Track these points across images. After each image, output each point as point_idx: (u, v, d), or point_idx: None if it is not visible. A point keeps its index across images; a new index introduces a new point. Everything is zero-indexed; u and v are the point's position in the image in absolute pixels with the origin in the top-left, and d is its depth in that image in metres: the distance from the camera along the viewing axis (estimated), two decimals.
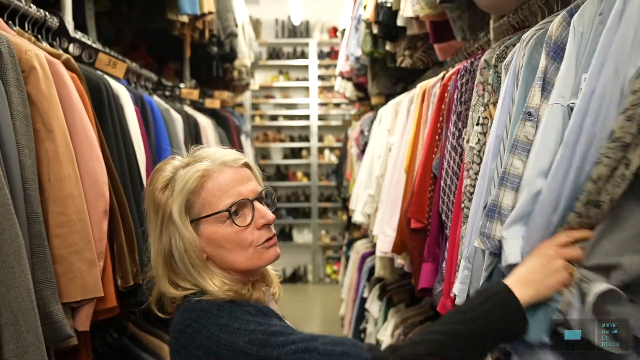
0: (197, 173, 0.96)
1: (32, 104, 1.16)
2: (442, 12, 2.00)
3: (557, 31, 1.06)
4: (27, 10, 1.44)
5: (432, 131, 1.79)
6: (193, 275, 0.96)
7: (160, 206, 0.97)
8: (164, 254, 0.97)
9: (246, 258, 0.97)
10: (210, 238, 0.96)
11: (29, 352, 0.92)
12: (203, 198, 0.96)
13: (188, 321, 0.92)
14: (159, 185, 0.98)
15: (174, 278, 0.97)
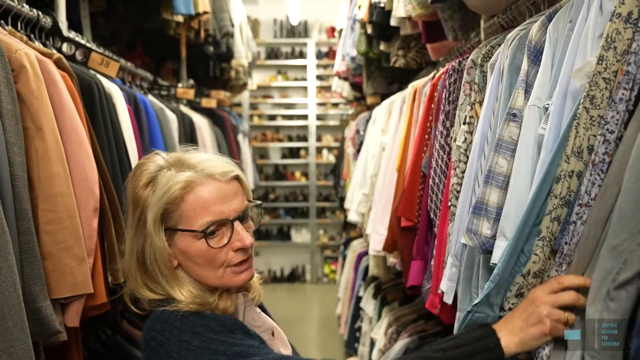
0: (179, 184, 0.91)
1: (22, 103, 1.17)
2: (434, 12, 2.02)
3: (537, 36, 1.11)
4: (20, 9, 1.45)
5: (422, 130, 1.81)
6: (161, 283, 0.96)
7: (139, 204, 0.96)
8: (137, 255, 0.96)
9: (217, 277, 0.95)
10: (183, 251, 0.94)
11: (15, 346, 0.93)
12: (182, 210, 0.92)
13: (153, 332, 0.92)
14: (141, 182, 0.96)
15: (146, 280, 0.97)
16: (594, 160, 0.85)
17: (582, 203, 0.86)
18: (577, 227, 0.86)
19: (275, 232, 6.99)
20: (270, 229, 6.94)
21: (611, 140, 0.83)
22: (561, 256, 0.89)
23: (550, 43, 1.04)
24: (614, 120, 0.83)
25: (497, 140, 1.13)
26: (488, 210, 1.13)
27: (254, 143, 6.72)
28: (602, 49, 0.86)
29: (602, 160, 0.84)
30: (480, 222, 1.14)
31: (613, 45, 0.85)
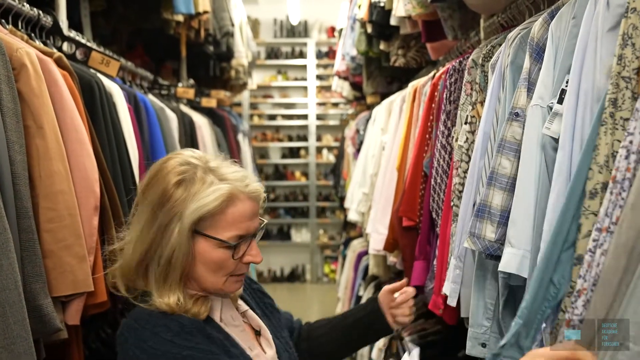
0: (223, 197, 0.95)
1: (22, 101, 1.17)
2: (434, 11, 2.02)
3: (539, 33, 1.09)
4: (21, 8, 1.46)
5: (423, 130, 1.81)
6: (157, 279, 0.97)
7: (169, 202, 0.95)
8: (145, 248, 0.97)
9: (217, 282, 0.99)
10: (200, 254, 0.97)
11: (16, 343, 0.93)
12: (217, 219, 0.96)
13: (124, 327, 0.98)
14: (173, 180, 0.96)
15: (140, 273, 0.99)
16: (615, 177, 0.75)
17: (601, 227, 0.76)
18: (595, 258, 0.76)
19: (275, 232, 7.00)
20: (270, 229, 6.94)
21: (635, 152, 0.74)
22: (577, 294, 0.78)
23: (553, 41, 1.03)
24: (637, 131, 0.74)
25: (499, 141, 1.11)
26: (492, 213, 1.10)
27: (254, 143, 6.73)
28: (619, 48, 0.81)
29: (623, 177, 0.74)
30: (484, 225, 1.11)
31: (630, 42, 0.80)
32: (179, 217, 0.94)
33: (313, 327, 1.29)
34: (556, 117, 0.98)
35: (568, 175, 0.93)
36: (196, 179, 0.96)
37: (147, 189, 0.99)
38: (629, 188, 0.73)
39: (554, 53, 1.02)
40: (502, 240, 1.07)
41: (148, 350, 0.91)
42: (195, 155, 1.01)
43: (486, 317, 1.19)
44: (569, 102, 0.94)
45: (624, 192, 0.74)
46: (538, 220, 0.99)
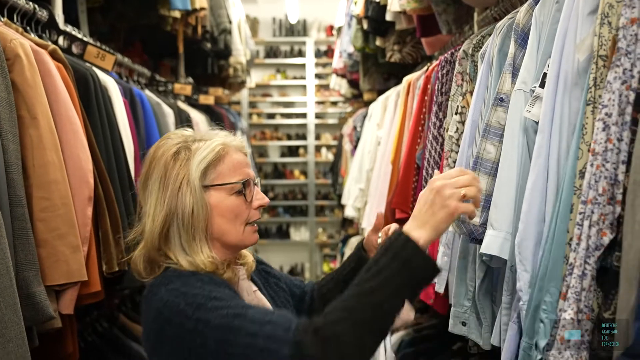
0: (219, 147, 1.05)
1: (16, 91, 1.19)
2: (428, 5, 2.03)
3: (524, 19, 1.10)
4: (16, 2, 1.47)
5: (416, 122, 1.82)
6: (182, 243, 1.01)
7: (173, 169, 1.02)
8: (163, 220, 1.01)
9: (239, 232, 1.06)
10: (215, 206, 1.04)
11: (8, 327, 0.94)
12: (218, 169, 1.04)
13: (150, 287, 0.99)
14: (170, 151, 1.03)
15: (163, 246, 1.02)
16: (594, 149, 0.77)
17: (586, 200, 0.77)
18: (583, 230, 0.77)
19: (274, 231, 7.00)
20: (269, 227, 6.95)
21: (610, 125, 0.76)
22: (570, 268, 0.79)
23: (537, 26, 1.04)
24: (611, 102, 0.76)
25: (484, 126, 1.12)
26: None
27: (253, 142, 6.74)
28: (598, 26, 0.81)
29: (604, 149, 0.76)
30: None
31: (607, 21, 0.81)
32: (187, 178, 1.02)
33: (321, 287, 1.31)
34: (537, 101, 0.98)
35: (546, 157, 0.94)
36: (191, 145, 1.04)
37: (150, 171, 1.05)
38: (614, 159, 0.74)
39: (537, 38, 1.03)
40: (485, 224, 1.09)
41: (180, 295, 0.93)
42: (184, 131, 1.10)
43: (467, 298, 1.23)
44: (549, 85, 0.95)
45: (607, 164, 0.75)
46: (519, 203, 1.01)
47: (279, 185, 7.11)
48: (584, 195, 0.78)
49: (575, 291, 0.76)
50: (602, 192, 0.75)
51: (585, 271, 0.76)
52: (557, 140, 0.93)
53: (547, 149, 0.94)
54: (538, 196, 0.95)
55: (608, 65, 0.80)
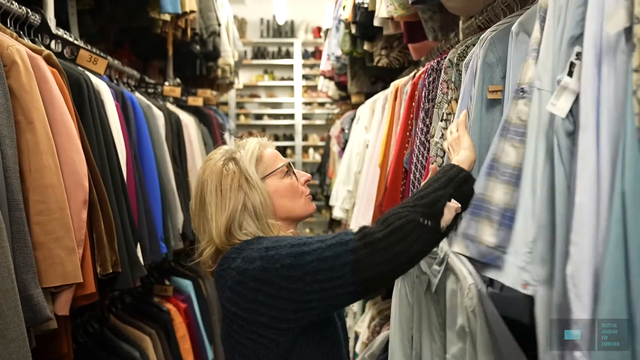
0: (257, 145, 1.22)
1: (13, 97, 1.21)
2: (415, 13, 2.08)
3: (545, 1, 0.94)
4: (9, 7, 1.48)
5: (404, 128, 1.87)
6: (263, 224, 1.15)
7: (225, 178, 1.15)
8: (228, 218, 1.13)
9: (301, 205, 1.22)
10: (274, 191, 1.19)
11: (10, 329, 0.97)
12: (264, 162, 1.20)
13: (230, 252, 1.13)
14: (219, 163, 1.18)
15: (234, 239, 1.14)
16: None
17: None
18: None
19: None
20: None
21: None
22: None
23: (555, 11, 0.88)
24: None
25: (503, 123, 0.94)
26: (491, 210, 0.92)
27: None
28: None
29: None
30: (481, 225, 0.93)
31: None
32: (244, 177, 1.16)
33: None
34: (564, 92, 0.82)
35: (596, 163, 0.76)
36: (234, 154, 1.20)
37: (204, 191, 1.17)
38: None
39: (557, 25, 0.88)
40: (505, 247, 0.90)
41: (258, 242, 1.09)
42: (221, 149, 1.24)
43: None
44: (586, 71, 0.78)
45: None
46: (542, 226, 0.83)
47: None
48: None
49: None
50: None
51: None
52: (607, 142, 0.75)
53: (595, 152, 0.76)
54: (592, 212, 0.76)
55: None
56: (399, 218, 1.00)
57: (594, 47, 0.78)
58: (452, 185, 1.05)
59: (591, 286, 0.76)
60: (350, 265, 0.99)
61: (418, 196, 1.05)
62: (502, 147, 0.92)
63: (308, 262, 1.01)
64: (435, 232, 1.02)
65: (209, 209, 1.15)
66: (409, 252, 0.99)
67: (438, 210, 1.01)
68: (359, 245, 1.00)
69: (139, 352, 2.16)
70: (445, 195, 1.03)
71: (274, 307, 1.04)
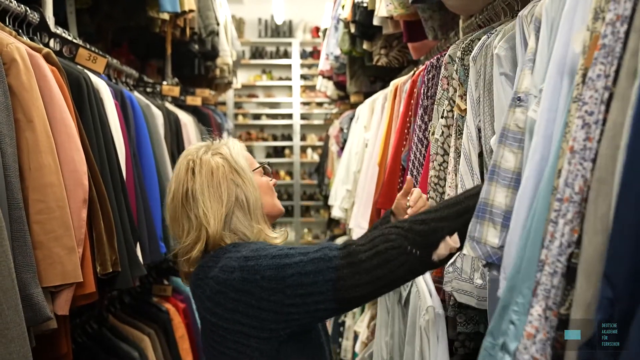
0: (240, 143, 1.23)
1: (13, 95, 1.20)
2: (415, 12, 2.08)
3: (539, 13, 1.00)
4: (8, 5, 1.47)
5: (402, 125, 1.87)
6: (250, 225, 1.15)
7: (216, 168, 1.14)
8: (226, 212, 1.12)
9: (278, 203, 1.26)
10: (259, 186, 1.20)
11: (10, 328, 0.96)
12: (246, 158, 1.21)
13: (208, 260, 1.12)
14: (205, 157, 1.16)
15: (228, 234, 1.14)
16: (572, 147, 0.74)
17: (562, 198, 0.74)
18: (558, 227, 0.74)
19: None
20: None
21: (591, 123, 0.73)
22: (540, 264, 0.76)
23: (547, 22, 0.94)
24: (593, 100, 0.73)
25: (501, 130, 0.99)
26: (493, 213, 0.96)
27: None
28: (591, 21, 0.77)
29: (582, 147, 0.73)
30: (485, 228, 0.97)
31: (602, 16, 0.76)
32: (235, 169, 1.15)
33: None
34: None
35: (540, 161, 0.86)
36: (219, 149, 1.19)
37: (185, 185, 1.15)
38: (591, 158, 0.72)
39: (548, 35, 0.94)
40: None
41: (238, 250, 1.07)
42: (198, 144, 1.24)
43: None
44: (549, 83, 0.87)
45: (585, 162, 0.72)
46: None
47: None
48: (560, 193, 0.75)
49: (545, 288, 0.75)
50: (579, 191, 0.73)
51: (556, 269, 0.74)
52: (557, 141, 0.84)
53: (542, 152, 0.86)
54: (526, 201, 0.88)
55: (587, 63, 0.76)
56: (386, 241, 0.98)
57: (558, 62, 0.87)
58: (465, 217, 0.99)
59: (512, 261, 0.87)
60: (332, 282, 0.97)
61: (420, 219, 1.00)
62: (501, 153, 0.98)
63: (290, 275, 0.99)
64: (423, 263, 0.99)
65: (201, 204, 1.12)
66: (390, 277, 0.98)
67: (432, 242, 0.98)
68: (342, 263, 0.98)
69: (138, 352, 2.16)
70: (448, 229, 0.98)
71: (255, 317, 1.02)
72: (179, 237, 1.16)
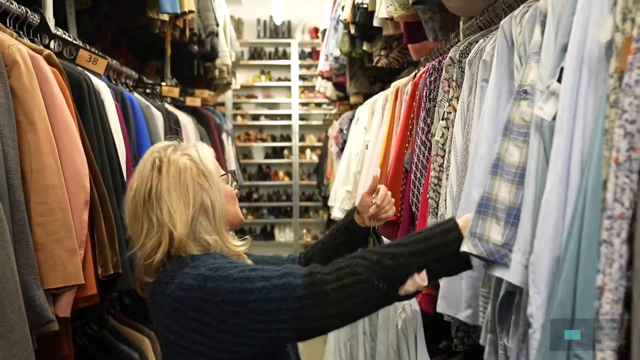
0: (209, 148, 1.21)
1: (14, 97, 1.20)
2: (415, 13, 2.09)
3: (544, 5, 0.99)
4: (9, 6, 1.47)
5: (404, 127, 1.87)
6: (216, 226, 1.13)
7: (184, 170, 1.11)
8: (193, 216, 1.09)
9: (239, 212, 1.24)
10: (224, 193, 1.18)
11: (13, 330, 0.96)
12: (214, 163, 1.19)
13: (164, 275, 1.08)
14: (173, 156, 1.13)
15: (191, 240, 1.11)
16: (617, 159, 0.70)
17: (613, 215, 0.70)
18: (615, 248, 0.70)
19: (258, 232, 7.01)
20: (254, 229, 6.96)
21: (634, 132, 0.69)
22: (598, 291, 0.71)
23: (554, 17, 0.92)
24: (633, 108, 0.69)
25: (505, 124, 0.97)
26: (497, 209, 0.94)
27: (238, 143, 6.74)
28: (620, 22, 0.75)
29: (627, 158, 0.69)
30: (487, 224, 0.93)
31: (630, 17, 0.74)
32: (203, 173, 1.13)
33: (310, 259, 1.39)
34: (552, 97, 0.87)
35: (566, 164, 0.84)
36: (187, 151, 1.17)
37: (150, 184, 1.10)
38: (637, 170, 0.68)
39: (555, 30, 0.92)
40: (511, 245, 0.92)
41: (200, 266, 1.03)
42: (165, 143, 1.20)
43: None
44: (567, 78, 0.84)
45: (632, 174, 0.68)
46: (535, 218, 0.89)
47: (263, 187, 7.12)
48: (610, 210, 0.70)
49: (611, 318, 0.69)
50: (629, 206, 0.68)
51: (621, 295, 0.68)
52: (579, 143, 0.82)
53: (566, 153, 0.83)
54: (555, 207, 0.83)
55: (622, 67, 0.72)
56: (353, 273, 0.94)
57: (576, 55, 0.84)
58: (435, 254, 0.95)
59: (547, 275, 0.84)
60: (295, 312, 0.94)
61: (390, 252, 0.95)
62: (505, 147, 0.95)
63: (252, 301, 0.96)
64: (389, 298, 0.97)
65: (167, 204, 1.07)
66: (355, 311, 0.96)
67: (400, 278, 0.95)
68: (306, 293, 0.94)
69: (138, 353, 2.15)
70: (417, 265, 0.94)
71: (215, 338, 0.99)
72: (137, 238, 1.11)
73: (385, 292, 0.95)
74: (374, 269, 0.94)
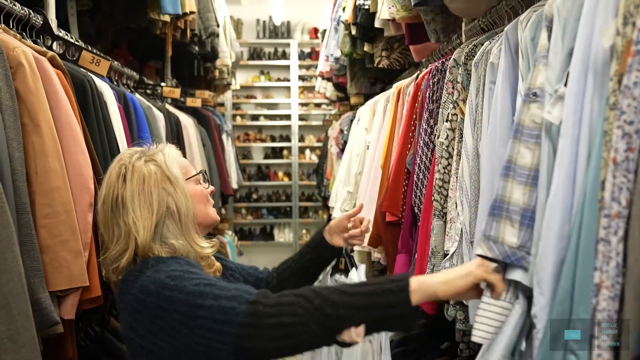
0: (176, 151, 1.22)
1: (19, 99, 1.20)
2: (417, 14, 2.09)
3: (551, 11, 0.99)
4: (12, 8, 1.47)
5: (406, 128, 1.87)
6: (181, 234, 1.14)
7: (149, 176, 1.13)
8: (156, 222, 1.11)
9: (213, 212, 1.25)
10: (193, 195, 1.19)
11: (21, 333, 0.96)
12: (182, 167, 1.21)
13: (129, 274, 1.10)
14: (137, 163, 1.14)
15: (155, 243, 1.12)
16: (614, 159, 0.71)
17: (610, 214, 0.71)
18: (612, 246, 0.71)
19: (258, 232, 7.01)
20: (253, 229, 6.96)
21: (631, 133, 0.70)
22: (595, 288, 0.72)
23: (560, 22, 0.93)
24: (631, 109, 0.70)
25: (516, 126, 0.97)
26: (511, 211, 0.93)
27: (237, 143, 6.73)
28: (621, 26, 0.76)
29: (624, 159, 0.70)
30: (502, 226, 0.93)
31: (631, 21, 0.74)
32: (168, 179, 1.14)
33: (279, 275, 1.42)
34: (559, 101, 0.88)
35: (571, 166, 0.84)
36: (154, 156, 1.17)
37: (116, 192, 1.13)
38: (634, 170, 0.69)
39: (561, 35, 0.93)
40: (528, 247, 0.91)
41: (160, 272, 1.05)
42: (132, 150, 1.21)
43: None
44: (572, 82, 0.85)
45: (629, 174, 0.69)
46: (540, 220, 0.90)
47: (262, 187, 7.12)
48: (607, 209, 0.71)
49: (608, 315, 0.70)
50: (626, 205, 0.69)
51: (617, 292, 0.69)
52: (585, 147, 0.83)
53: (571, 156, 0.84)
54: (559, 209, 0.84)
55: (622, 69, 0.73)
56: (292, 313, 0.93)
57: (582, 60, 0.85)
58: (377, 313, 0.92)
59: (551, 276, 0.85)
60: (234, 337, 0.95)
61: (332, 300, 0.93)
62: (517, 150, 0.95)
63: (200, 317, 0.98)
64: (325, 342, 0.97)
65: (131, 211, 1.11)
66: (293, 349, 0.97)
67: (335, 328, 0.93)
68: (247, 322, 0.95)
69: None
70: (355, 320, 0.92)
71: (168, 343, 1.01)
72: (110, 243, 1.14)
73: (321, 338, 0.95)
74: (313, 314, 0.93)
